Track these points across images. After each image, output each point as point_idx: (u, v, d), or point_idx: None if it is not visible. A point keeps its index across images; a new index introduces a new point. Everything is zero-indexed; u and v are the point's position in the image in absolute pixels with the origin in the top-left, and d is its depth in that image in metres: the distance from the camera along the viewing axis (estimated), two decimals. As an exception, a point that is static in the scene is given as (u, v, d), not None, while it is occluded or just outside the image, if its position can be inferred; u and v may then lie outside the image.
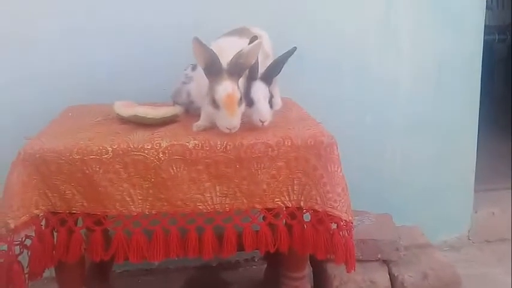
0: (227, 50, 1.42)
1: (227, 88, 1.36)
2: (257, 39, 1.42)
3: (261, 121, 1.44)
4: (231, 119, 1.38)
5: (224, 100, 1.36)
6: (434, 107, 2.28)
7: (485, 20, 2.29)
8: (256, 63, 1.44)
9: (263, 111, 1.44)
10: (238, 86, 1.39)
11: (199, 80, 1.54)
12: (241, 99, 1.39)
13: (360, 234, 1.79)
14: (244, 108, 1.42)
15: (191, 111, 1.64)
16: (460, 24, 2.23)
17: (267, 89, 1.47)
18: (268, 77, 1.49)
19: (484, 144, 2.46)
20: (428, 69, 2.25)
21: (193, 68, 1.66)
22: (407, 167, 2.30)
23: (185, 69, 1.69)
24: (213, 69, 1.38)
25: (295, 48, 1.50)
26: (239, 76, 1.40)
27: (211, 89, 1.39)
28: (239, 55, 1.38)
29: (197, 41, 1.35)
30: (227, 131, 1.39)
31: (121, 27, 1.97)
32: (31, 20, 1.92)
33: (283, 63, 1.50)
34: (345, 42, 2.14)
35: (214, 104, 1.38)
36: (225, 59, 1.38)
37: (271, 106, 1.48)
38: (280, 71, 1.51)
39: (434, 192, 2.36)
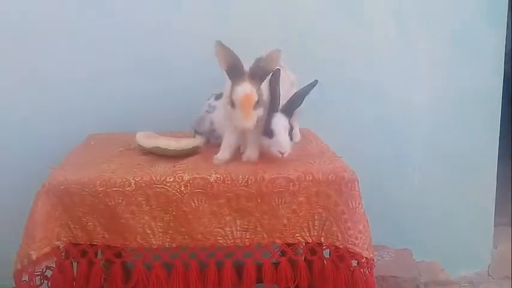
0: None
1: (246, 89, 1.38)
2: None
3: (281, 153, 1.44)
4: (245, 120, 1.39)
5: (241, 100, 1.38)
6: (453, 139, 2.26)
7: (505, 47, 2.27)
8: (278, 95, 1.45)
9: (283, 142, 1.44)
10: (258, 90, 1.40)
11: (222, 109, 1.58)
12: (258, 102, 1.40)
13: (380, 271, 1.77)
14: (261, 113, 1.42)
15: (212, 140, 1.65)
16: (479, 53, 2.21)
17: (287, 120, 1.48)
18: (289, 109, 1.49)
19: (504, 177, 2.43)
20: (448, 100, 2.23)
21: (217, 97, 1.68)
22: (425, 200, 2.27)
23: (208, 99, 1.71)
24: (235, 72, 1.40)
25: (316, 81, 1.51)
26: (260, 81, 1.42)
27: (231, 90, 1.41)
28: (259, 59, 1.40)
29: (220, 44, 1.38)
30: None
31: (144, 57, 2.00)
32: (52, 53, 1.96)
33: (305, 96, 1.51)
34: (364, 74, 2.13)
35: (232, 103, 1.40)
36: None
37: (291, 138, 1.48)
38: (301, 103, 1.51)
39: (454, 226, 2.32)
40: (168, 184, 1.38)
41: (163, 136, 1.62)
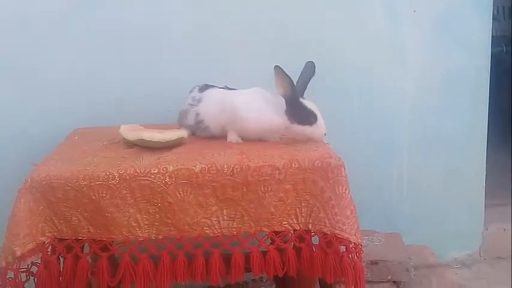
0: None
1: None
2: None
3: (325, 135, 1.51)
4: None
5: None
6: (441, 122, 2.26)
7: (492, 30, 2.27)
8: (292, 81, 1.48)
9: (324, 125, 1.52)
10: None
11: (209, 100, 1.61)
12: None
13: (369, 255, 1.77)
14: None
15: (198, 132, 1.64)
16: (466, 37, 2.22)
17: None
18: (303, 94, 1.53)
19: (493, 159, 2.43)
20: (436, 84, 2.23)
21: (200, 89, 1.66)
22: (415, 184, 2.28)
23: (191, 92, 1.69)
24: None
25: (311, 62, 1.55)
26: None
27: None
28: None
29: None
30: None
31: (128, 49, 1.98)
32: (35, 49, 1.94)
33: (310, 79, 1.54)
34: (352, 61, 2.13)
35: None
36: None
37: None
38: (306, 87, 1.54)
39: (444, 208, 2.33)
40: (153, 176, 1.36)
41: (147, 128, 1.61)
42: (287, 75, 1.45)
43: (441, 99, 2.24)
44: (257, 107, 1.53)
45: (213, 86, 1.66)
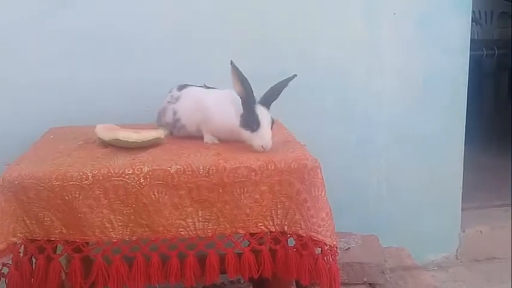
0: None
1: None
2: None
3: (263, 147, 1.44)
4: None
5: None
6: (419, 123, 2.28)
7: (474, 34, 2.31)
8: (250, 86, 1.46)
9: (267, 136, 1.45)
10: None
11: (186, 98, 1.61)
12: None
13: (345, 257, 1.78)
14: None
15: (175, 132, 1.64)
16: (445, 40, 2.24)
17: (269, 114, 1.47)
18: (268, 102, 1.49)
19: (470, 161, 2.46)
20: (414, 86, 2.26)
21: (179, 88, 1.66)
22: (392, 186, 2.30)
23: (170, 91, 1.68)
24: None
25: (295, 76, 1.50)
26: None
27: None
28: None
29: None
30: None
31: (105, 48, 1.96)
32: (12, 39, 1.91)
33: (282, 89, 1.50)
34: (330, 62, 2.14)
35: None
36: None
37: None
38: (277, 96, 1.50)
39: (421, 211, 2.36)
40: (127, 176, 1.35)
41: (124, 128, 1.59)
42: (241, 73, 1.43)
43: (419, 101, 2.26)
44: (224, 108, 1.52)
45: (192, 85, 1.66)
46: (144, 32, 1.98)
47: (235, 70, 1.44)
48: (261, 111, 1.46)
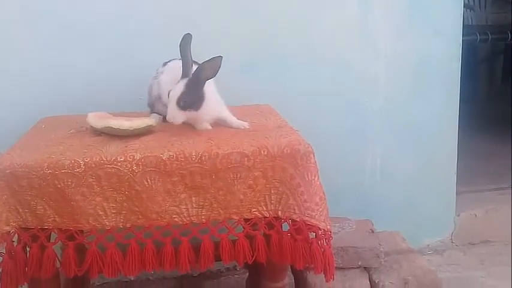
0: None
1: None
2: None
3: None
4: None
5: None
6: (413, 109, 2.27)
7: (468, 20, 2.30)
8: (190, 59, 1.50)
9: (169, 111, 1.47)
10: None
11: (168, 70, 1.63)
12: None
13: (340, 242, 1.78)
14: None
15: (160, 107, 1.64)
16: (438, 25, 2.23)
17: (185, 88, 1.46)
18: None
19: (465, 146, 2.46)
20: (407, 71, 2.24)
21: (164, 64, 1.67)
22: (387, 171, 2.30)
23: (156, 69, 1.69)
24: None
25: (221, 57, 1.46)
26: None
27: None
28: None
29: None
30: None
31: (98, 34, 1.95)
32: (2, 30, 1.89)
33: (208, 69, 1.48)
34: (323, 47, 2.13)
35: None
36: None
37: (184, 108, 1.47)
38: (208, 76, 1.48)
39: (416, 195, 2.36)
40: (119, 164, 1.34)
41: (116, 116, 1.59)
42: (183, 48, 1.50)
43: (413, 87, 2.25)
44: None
45: (175, 59, 1.64)
46: (136, 21, 1.97)
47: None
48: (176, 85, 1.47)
